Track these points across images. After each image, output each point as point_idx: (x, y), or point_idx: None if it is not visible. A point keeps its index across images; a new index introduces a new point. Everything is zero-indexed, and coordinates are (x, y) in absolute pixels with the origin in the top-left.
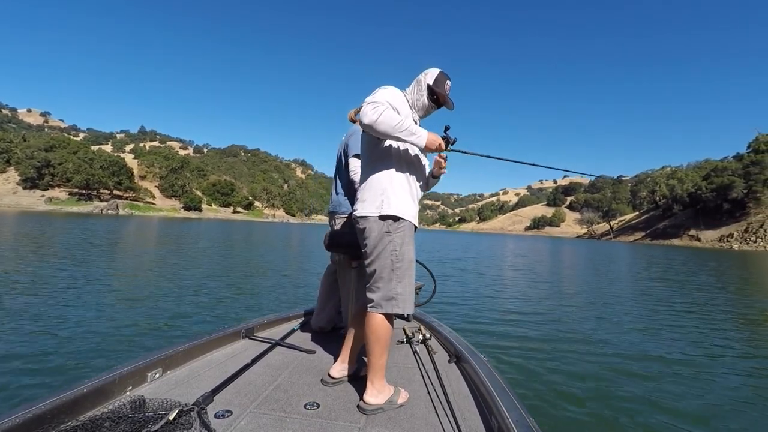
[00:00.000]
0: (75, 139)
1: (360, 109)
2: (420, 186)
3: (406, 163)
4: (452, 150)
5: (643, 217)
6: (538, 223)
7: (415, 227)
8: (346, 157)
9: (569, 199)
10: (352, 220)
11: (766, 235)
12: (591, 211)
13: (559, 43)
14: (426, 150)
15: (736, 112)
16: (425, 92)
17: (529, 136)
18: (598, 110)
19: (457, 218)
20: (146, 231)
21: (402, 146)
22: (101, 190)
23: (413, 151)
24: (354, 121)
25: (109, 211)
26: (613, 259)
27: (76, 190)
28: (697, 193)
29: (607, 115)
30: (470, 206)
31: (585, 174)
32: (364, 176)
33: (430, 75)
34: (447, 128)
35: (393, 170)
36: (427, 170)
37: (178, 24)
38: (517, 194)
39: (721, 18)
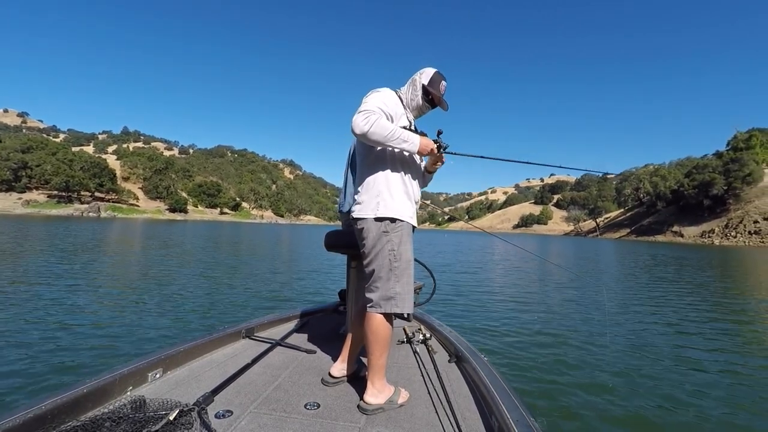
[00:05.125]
0: (54, 140)
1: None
2: (418, 184)
3: (401, 163)
4: (445, 153)
5: (628, 214)
6: (526, 221)
7: (414, 227)
8: None
9: (556, 197)
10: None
11: (745, 231)
12: (577, 208)
13: (546, 42)
14: (419, 155)
15: (717, 109)
16: (420, 92)
17: (516, 135)
18: (583, 109)
19: (446, 217)
20: (133, 233)
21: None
22: (82, 192)
23: None
24: None
25: (90, 214)
26: (603, 256)
27: (55, 192)
28: (680, 190)
29: (593, 113)
30: (459, 205)
31: (579, 169)
32: (361, 178)
33: (425, 75)
34: (440, 132)
35: (389, 171)
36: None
37: (163, 23)
38: (505, 193)
39: (701, 16)
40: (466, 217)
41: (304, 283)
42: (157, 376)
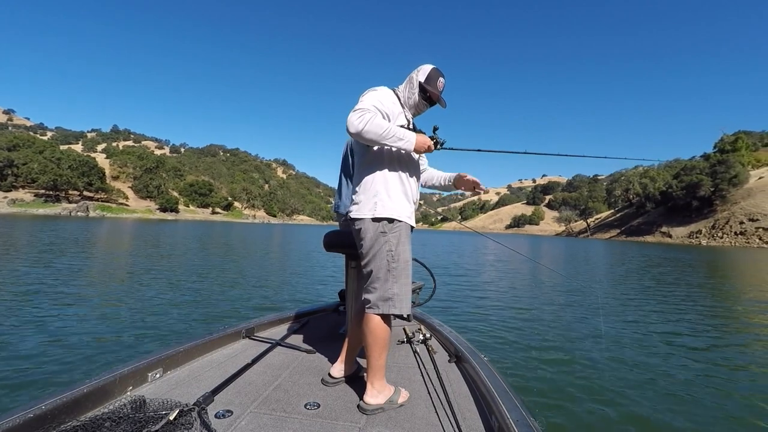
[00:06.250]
0: (41, 138)
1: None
2: (416, 183)
3: (399, 163)
4: (443, 148)
5: (617, 215)
6: (518, 222)
7: (412, 227)
8: (353, 155)
9: (548, 197)
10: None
11: (731, 231)
12: (569, 209)
13: (541, 42)
14: (416, 152)
15: (704, 111)
16: (417, 90)
17: (507, 136)
18: (573, 110)
19: (439, 217)
20: (125, 233)
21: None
22: (70, 192)
23: None
24: None
25: (78, 213)
26: (595, 256)
27: (43, 191)
28: (668, 192)
29: (582, 115)
30: (452, 205)
31: (578, 155)
32: (359, 177)
33: (422, 72)
34: (435, 129)
35: (386, 170)
36: (423, 165)
37: (154, 20)
38: (497, 193)
39: (686, 18)
40: (459, 217)
41: (304, 283)
42: (157, 376)
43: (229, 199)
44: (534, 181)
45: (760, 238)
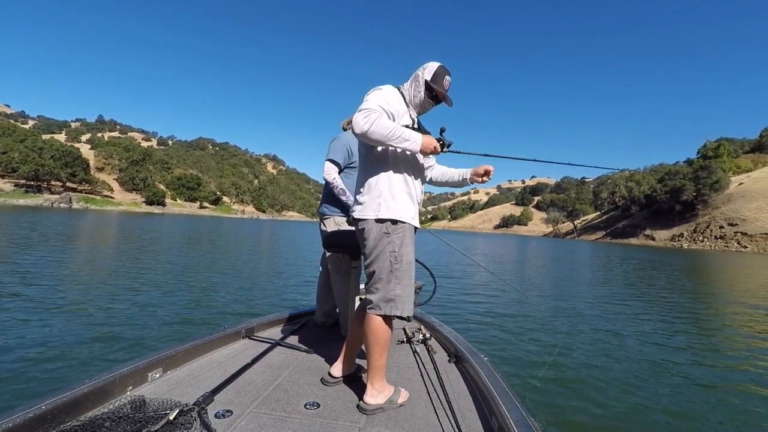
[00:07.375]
0: (23, 126)
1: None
2: (420, 184)
3: (403, 163)
4: (449, 151)
5: (603, 217)
6: (506, 222)
7: (416, 228)
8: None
9: (536, 198)
10: (349, 221)
11: (711, 235)
12: (556, 210)
13: (537, 43)
14: (421, 153)
15: (690, 116)
16: (423, 89)
17: (501, 136)
18: (563, 113)
19: (429, 216)
20: (112, 226)
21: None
22: (53, 182)
23: None
24: (346, 129)
25: (61, 205)
26: (588, 257)
27: (24, 181)
28: (653, 195)
29: (573, 117)
30: (442, 204)
31: (584, 165)
32: (363, 178)
33: (428, 70)
34: (442, 130)
35: (391, 172)
36: (431, 163)
37: (143, 10)
38: (487, 193)
39: (674, 20)
40: (449, 216)
41: (303, 282)
42: (157, 376)
43: (218, 193)
44: (523, 182)
45: (739, 242)
